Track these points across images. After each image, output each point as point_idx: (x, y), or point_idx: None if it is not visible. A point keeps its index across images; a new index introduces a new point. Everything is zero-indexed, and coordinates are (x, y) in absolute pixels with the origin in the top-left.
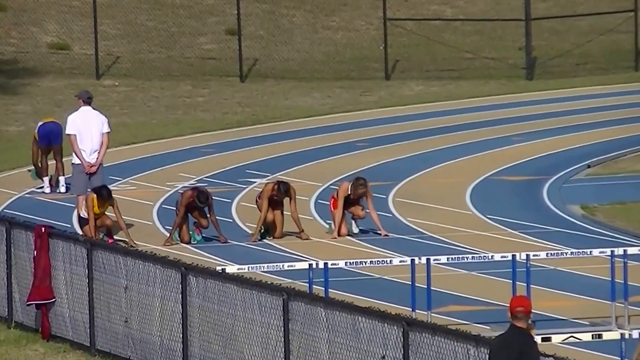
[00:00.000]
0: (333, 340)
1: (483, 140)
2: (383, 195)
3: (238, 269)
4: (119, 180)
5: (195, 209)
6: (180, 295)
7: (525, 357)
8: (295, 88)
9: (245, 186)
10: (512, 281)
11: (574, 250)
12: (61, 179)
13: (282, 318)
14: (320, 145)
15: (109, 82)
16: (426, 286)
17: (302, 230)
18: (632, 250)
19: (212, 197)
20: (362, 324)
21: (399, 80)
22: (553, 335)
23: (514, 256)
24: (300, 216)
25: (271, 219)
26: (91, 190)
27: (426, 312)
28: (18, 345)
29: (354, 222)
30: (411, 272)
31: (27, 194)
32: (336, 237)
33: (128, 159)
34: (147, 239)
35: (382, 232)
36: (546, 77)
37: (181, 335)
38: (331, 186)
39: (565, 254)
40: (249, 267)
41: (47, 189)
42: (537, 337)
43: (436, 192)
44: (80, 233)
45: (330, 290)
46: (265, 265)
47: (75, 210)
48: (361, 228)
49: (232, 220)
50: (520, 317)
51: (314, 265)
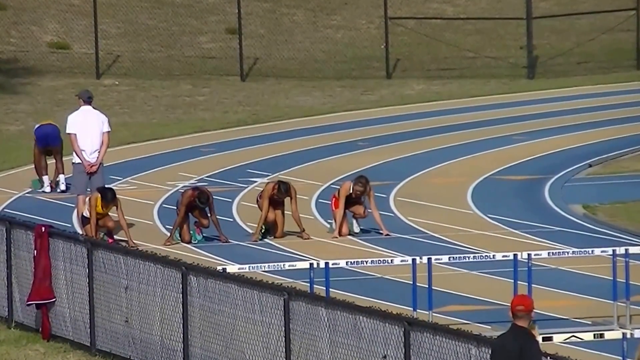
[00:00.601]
0: (334, 340)
1: (484, 139)
2: (384, 195)
3: (239, 268)
4: (119, 179)
5: (195, 209)
6: (181, 295)
7: (527, 356)
8: (296, 87)
9: (246, 186)
10: (513, 281)
11: (576, 250)
12: (61, 177)
13: (283, 318)
14: (321, 144)
15: (109, 82)
16: (427, 286)
17: (303, 230)
18: (633, 250)
19: (213, 196)
20: (363, 323)
21: (400, 80)
22: (554, 335)
23: (516, 255)
24: (301, 216)
25: (272, 219)
26: (96, 190)
27: (427, 312)
28: (18, 345)
29: (355, 221)
30: (412, 272)
31: (27, 193)
32: (337, 237)
33: (128, 158)
34: (148, 238)
35: (384, 232)
36: (547, 76)
37: (182, 335)
38: (332, 186)
39: (566, 254)
40: (249, 266)
41: (47, 188)
42: (539, 337)
43: (437, 192)
44: (81, 232)
45: (331, 289)
46: (266, 264)
47: (75, 210)
48: (363, 228)
49: (232, 220)
50: (521, 316)
51: (315, 265)
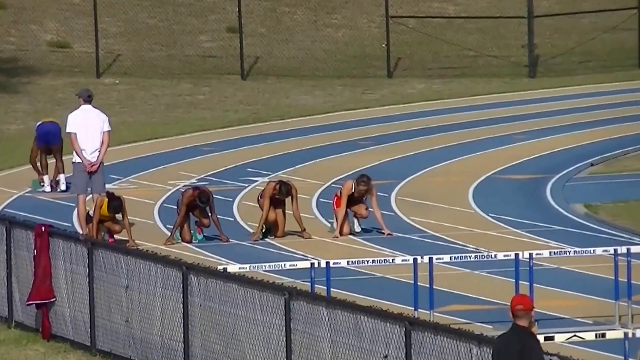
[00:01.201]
0: (335, 339)
1: (486, 138)
2: (385, 194)
3: (239, 268)
4: (120, 179)
5: (196, 208)
6: (182, 295)
7: (528, 356)
8: (296, 86)
9: (247, 185)
10: (515, 280)
11: (577, 249)
12: (61, 176)
13: (283, 317)
14: (322, 143)
15: (109, 81)
16: (429, 285)
17: (304, 229)
18: (635, 249)
19: (213, 196)
20: (365, 323)
21: (401, 79)
22: (556, 335)
23: (517, 255)
24: (302, 215)
25: (273, 218)
26: (106, 194)
27: (429, 312)
28: (18, 345)
29: (356, 220)
30: (413, 271)
31: (27, 193)
32: (338, 236)
33: (129, 157)
34: (148, 238)
35: (385, 231)
36: (549, 75)
37: (182, 335)
38: (333, 185)
39: (568, 253)
40: (250, 266)
41: (47, 188)
42: (540, 336)
43: (439, 191)
44: (83, 231)
45: (332, 289)
46: (267, 264)
47: (76, 209)
48: (364, 227)
49: (233, 220)
50: (521, 315)
51: (316, 265)
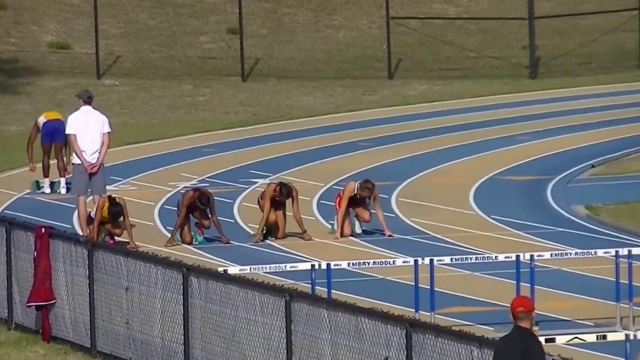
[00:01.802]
0: (336, 341)
1: (486, 139)
2: (386, 196)
3: (240, 269)
4: (120, 180)
5: (196, 210)
6: (182, 297)
7: (530, 358)
8: (297, 87)
9: (247, 186)
10: (516, 282)
11: (578, 251)
12: (62, 180)
13: (284, 319)
14: (322, 145)
15: (109, 82)
16: (429, 287)
17: (305, 231)
18: (636, 251)
19: (214, 197)
20: (365, 325)
21: (402, 80)
22: (557, 336)
23: (518, 257)
24: (303, 217)
25: (273, 220)
26: (107, 196)
27: (429, 313)
28: (18, 347)
29: (357, 222)
30: (414, 273)
31: (27, 194)
32: (339, 238)
33: (129, 159)
34: (149, 239)
35: (386, 233)
36: (550, 76)
37: (182, 337)
38: (334, 186)
39: (569, 255)
40: (251, 268)
41: (47, 190)
42: (541, 338)
43: (439, 192)
44: (84, 232)
45: (332, 291)
46: (268, 266)
47: (77, 211)
48: (365, 229)
49: (234, 221)
50: (521, 317)
51: (317, 266)
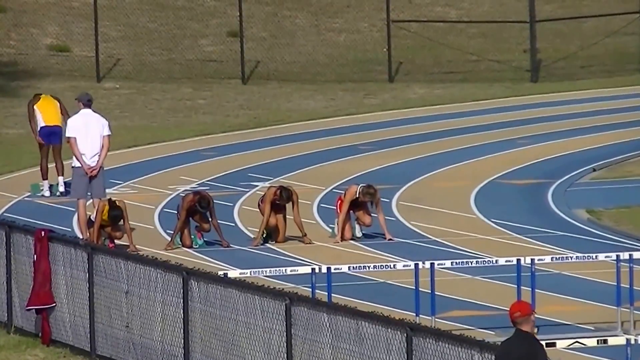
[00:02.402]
0: (336, 345)
1: (487, 143)
2: (387, 199)
3: (240, 273)
4: (120, 183)
5: (196, 213)
6: (182, 300)
7: None
8: (297, 90)
9: (248, 190)
10: (516, 286)
11: (579, 255)
12: (60, 179)
13: (284, 323)
14: (323, 148)
15: (109, 85)
16: (430, 291)
17: (305, 235)
18: (638, 255)
19: (214, 200)
20: (366, 329)
21: (402, 83)
22: (558, 341)
23: (519, 260)
24: (303, 220)
25: (274, 223)
26: (108, 200)
27: (430, 317)
28: (18, 351)
29: (357, 225)
30: (415, 277)
31: (27, 197)
32: (339, 241)
33: (129, 162)
34: (148, 243)
35: (387, 236)
36: (551, 80)
37: (182, 341)
38: (334, 190)
39: (570, 259)
40: (251, 271)
41: (46, 192)
42: (541, 342)
43: (440, 196)
44: (85, 235)
45: (333, 295)
46: (268, 269)
47: (76, 214)
48: (366, 233)
49: (234, 225)
50: (520, 321)
51: (317, 270)
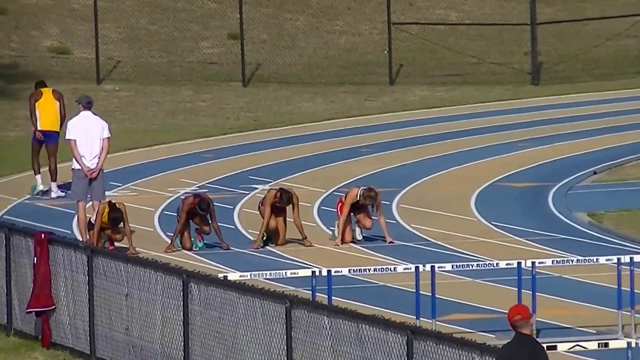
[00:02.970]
0: (336, 348)
1: (488, 146)
2: (387, 202)
3: (240, 276)
4: (120, 186)
5: (196, 216)
6: (182, 303)
7: None
8: (298, 93)
9: (248, 192)
10: (517, 289)
11: (580, 258)
12: (53, 184)
13: (284, 326)
14: (323, 150)
15: (109, 87)
16: (431, 294)
17: (305, 237)
18: (638, 258)
19: (214, 203)
20: (366, 332)
21: (403, 86)
22: (559, 344)
23: (520, 263)
24: (303, 223)
25: (274, 226)
26: (107, 202)
27: (431, 320)
28: (17, 353)
29: (358, 228)
30: (415, 280)
31: (27, 199)
32: (339, 244)
33: (129, 164)
34: (148, 245)
35: (387, 239)
36: (552, 82)
37: (182, 343)
38: (335, 192)
39: (571, 262)
40: (251, 274)
41: (41, 187)
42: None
43: (441, 199)
44: (85, 237)
45: (333, 298)
46: (268, 272)
47: (76, 217)
48: (366, 235)
49: (234, 227)
50: (520, 324)
51: (317, 273)
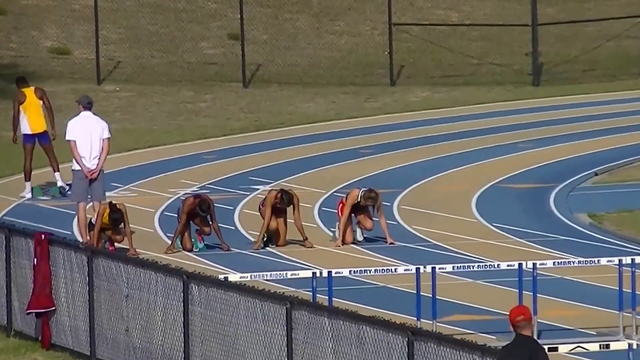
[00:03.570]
0: (337, 350)
1: (489, 147)
2: (388, 203)
3: (240, 277)
4: (120, 186)
5: (197, 216)
6: (182, 304)
7: None
8: (299, 94)
9: (248, 193)
10: (518, 290)
11: (581, 259)
12: (57, 174)
13: (285, 327)
14: (324, 151)
15: (110, 88)
16: (431, 295)
17: (306, 238)
18: None
19: (214, 204)
20: (367, 333)
21: (403, 86)
22: (560, 345)
23: (521, 265)
24: (304, 224)
25: (274, 227)
26: (108, 203)
27: (431, 322)
28: (17, 354)
29: (359, 229)
30: (416, 281)
31: (27, 200)
32: (340, 245)
33: (129, 165)
34: (149, 246)
35: (388, 240)
36: (553, 84)
37: (183, 344)
38: (335, 193)
39: (572, 263)
40: (251, 275)
41: (27, 194)
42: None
43: (441, 200)
44: (85, 238)
45: (334, 299)
46: (268, 273)
47: (76, 217)
48: (367, 236)
49: (234, 228)
50: (522, 325)
51: (318, 274)
